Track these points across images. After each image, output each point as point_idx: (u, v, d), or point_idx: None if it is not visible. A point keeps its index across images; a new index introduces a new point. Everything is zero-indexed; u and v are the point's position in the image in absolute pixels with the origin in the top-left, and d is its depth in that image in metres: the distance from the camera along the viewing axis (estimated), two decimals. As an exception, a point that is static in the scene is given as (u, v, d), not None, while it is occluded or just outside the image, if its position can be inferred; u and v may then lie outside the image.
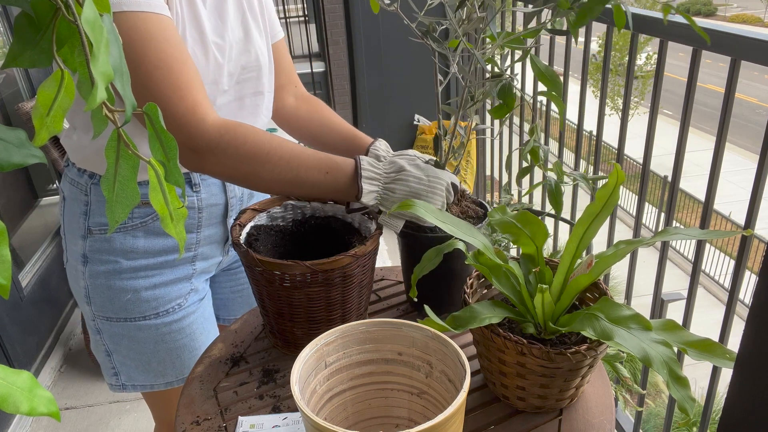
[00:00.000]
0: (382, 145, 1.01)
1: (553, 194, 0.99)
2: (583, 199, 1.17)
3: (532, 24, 0.88)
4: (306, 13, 5.57)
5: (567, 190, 2.00)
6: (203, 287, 1.10)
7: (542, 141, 1.99)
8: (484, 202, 1.00)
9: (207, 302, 1.12)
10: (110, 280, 0.99)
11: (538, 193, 2.09)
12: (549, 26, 0.80)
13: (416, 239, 0.93)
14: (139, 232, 0.99)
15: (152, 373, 1.07)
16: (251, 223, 0.96)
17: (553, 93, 0.86)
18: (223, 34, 0.94)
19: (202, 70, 0.91)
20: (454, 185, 0.92)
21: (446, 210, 0.91)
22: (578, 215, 0.93)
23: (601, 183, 0.98)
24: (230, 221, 1.09)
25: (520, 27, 2.09)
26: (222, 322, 1.25)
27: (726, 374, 0.56)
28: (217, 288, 1.21)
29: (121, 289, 1.00)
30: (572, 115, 1.81)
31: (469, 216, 0.96)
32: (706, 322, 2.81)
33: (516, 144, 2.34)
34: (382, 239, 0.90)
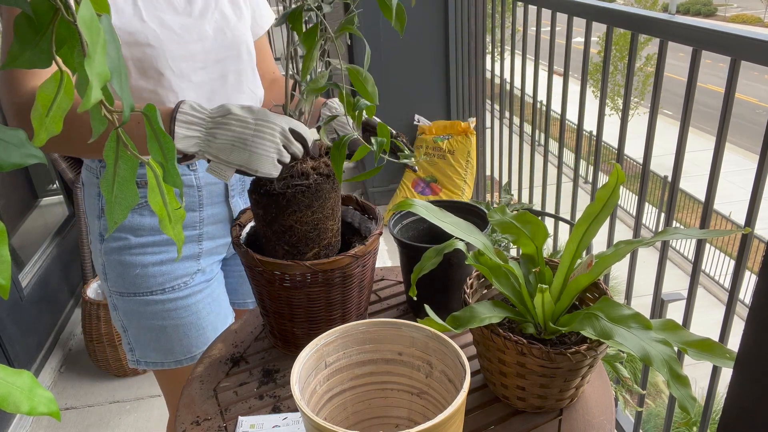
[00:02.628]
0: (335, 103, 1.02)
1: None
2: (583, 199, 1.17)
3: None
4: (306, 13, 5.55)
5: (567, 190, 2.00)
6: (212, 269, 1.14)
7: (542, 141, 1.99)
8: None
9: (216, 284, 1.15)
10: (122, 255, 1.05)
11: (537, 193, 2.09)
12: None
13: (416, 249, 0.93)
14: (146, 211, 1.04)
15: (162, 350, 1.11)
16: (251, 223, 0.96)
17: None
18: (191, 13, 0.98)
19: (167, 46, 0.94)
20: (298, 133, 0.82)
21: (294, 162, 0.82)
22: (578, 215, 0.93)
23: None
24: (233, 201, 1.12)
25: (520, 27, 2.09)
26: (232, 305, 1.28)
27: (726, 374, 0.56)
28: (228, 272, 1.24)
29: (131, 264, 1.05)
30: (572, 115, 1.81)
31: (321, 174, 0.84)
32: (706, 322, 2.81)
33: (516, 144, 2.34)
34: (382, 239, 0.87)
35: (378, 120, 0.94)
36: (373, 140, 0.75)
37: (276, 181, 0.83)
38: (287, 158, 0.81)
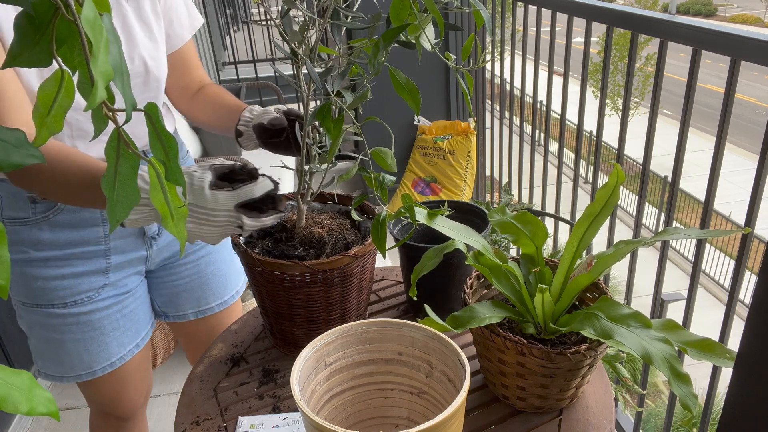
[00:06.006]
0: (255, 109, 1.01)
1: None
2: (583, 199, 1.17)
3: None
4: (306, 13, 5.54)
5: (567, 190, 2.00)
6: (126, 282, 1.09)
7: (542, 141, 1.99)
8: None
9: (132, 299, 1.10)
10: (23, 266, 1.02)
11: (537, 193, 2.09)
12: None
13: (416, 249, 0.93)
14: (44, 225, 1.00)
15: (62, 365, 1.08)
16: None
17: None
18: None
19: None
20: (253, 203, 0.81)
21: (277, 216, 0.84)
22: (578, 215, 0.93)
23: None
24: None
25: (520, 27, 2.09)
26: (172, 319, 1.22)
27: (726, 374, 0.55)
28: (159, 284, 1.19)
29: (32, 276, 1.02)
30: (572, 115, 1.81)
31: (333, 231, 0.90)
32: (706, 322, 2.81)
33: (516, 144, 2.34)
34: (382, 239, 0.87)
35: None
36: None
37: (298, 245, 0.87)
38: (247, 227, 0.80)
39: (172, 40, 1.07)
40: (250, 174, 0.83)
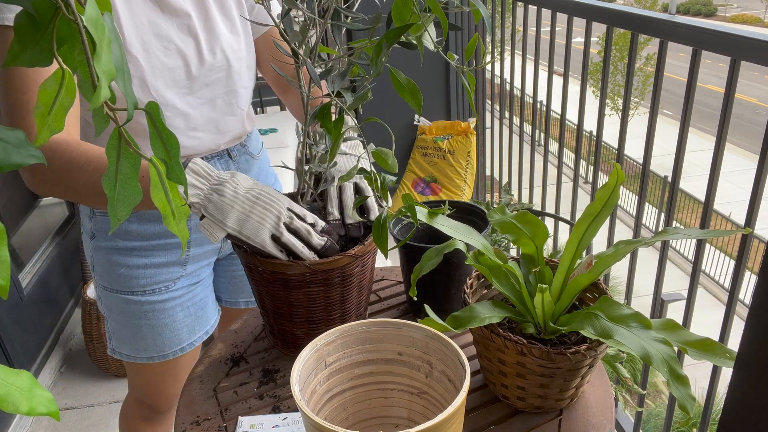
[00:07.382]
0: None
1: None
2: (583, 199, 1.17)
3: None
4: (306, 13, 5.54)
5: (567, 190, 2.00)
6: (199, 273, 1.15)
7: (542, 141, 1.99)
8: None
9: (202, 288, 1.16)
10: (109, 254, 1.08)
11: (537, 193, 2.09)
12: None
13: (416, 249, 0.93)
14: (133, 217, 1.05)
15: (135, 346, 1.14)
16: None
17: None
18: (171, 36, 0.93)
19: (147, 73, 0.91)
20: (297, 214, 0.83)
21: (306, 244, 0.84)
22: (578, 215, 0.93)
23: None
24: None
25: (520, 27, 2.09)
26: (224, 303, 1.31)
27: (726, 374, 0.56)
28: (220, 271, 1.26)
29: (117, 263, 1.08)
30: (572, 115, 1.81)
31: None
32: (706, 322, 2.81)
33: (516, 144, 2.34)
34: (382, 239, 0.87)
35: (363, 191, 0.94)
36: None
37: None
38: (286, 236, 0.81)
39: (255, 26, 1.09)
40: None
